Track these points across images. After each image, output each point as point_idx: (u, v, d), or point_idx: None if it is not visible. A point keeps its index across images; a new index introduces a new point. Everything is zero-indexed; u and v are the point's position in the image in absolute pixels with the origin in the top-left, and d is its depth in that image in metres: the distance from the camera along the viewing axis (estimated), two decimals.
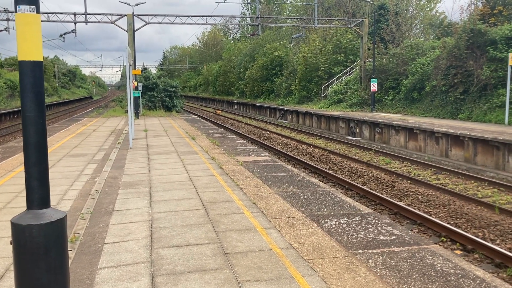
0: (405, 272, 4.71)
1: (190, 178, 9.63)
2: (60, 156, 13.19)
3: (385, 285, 4.35)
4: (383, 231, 6.09)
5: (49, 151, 13.91)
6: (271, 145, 21.30)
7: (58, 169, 11.06)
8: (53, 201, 7.81)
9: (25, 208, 2.24)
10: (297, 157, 17.65)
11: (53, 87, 71.31)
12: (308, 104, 37.63)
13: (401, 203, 11.11)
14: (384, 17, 36.91)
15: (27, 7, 1.94)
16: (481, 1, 28.21)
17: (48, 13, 30.44)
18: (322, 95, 36.90)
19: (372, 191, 12.11)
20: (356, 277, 4.53)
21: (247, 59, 54.88)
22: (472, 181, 13.98)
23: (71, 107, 63.73)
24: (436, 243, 7.06)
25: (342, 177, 13.97)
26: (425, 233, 9.45)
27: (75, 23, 30.77)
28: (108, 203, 7.67)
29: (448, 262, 4.99)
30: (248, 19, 63.56)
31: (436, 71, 24.60)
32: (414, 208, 10.92)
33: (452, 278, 4.58)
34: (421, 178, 14.17)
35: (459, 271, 4.75)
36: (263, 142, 22.67)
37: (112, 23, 30.82)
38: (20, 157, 12.99)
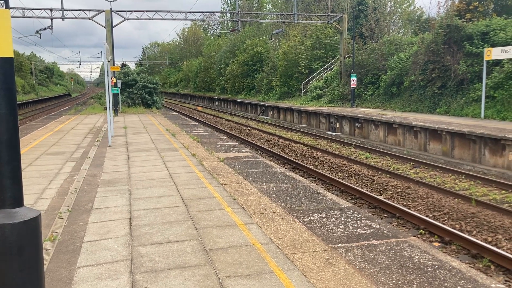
0: (383, 265, 4.77)
1: (170, 175, 9.57)
2: (37, 154, 12.96)
3: (363, 277, 4.40)
4: (362, 224, 6.16)
5: (26, 149, 13.69)
6: (252, 141, 21.31)
7: (36, 167, 10.87)
8: (30, 200, 7.71)
9: None
10: (278, 153, 17.69)
11: (30, 84, 69.95)
12: (289, 99, 37.74)
13: (380, 197, 11.24)
14: (363, 12, 37.20)
15: None
16: None
17: (23, 8, 29.82)
18: (303, 91, 37.05)
19: (352, 186, 12.22)
20: (335, 270, 4.57)
21: (227, 55, 54.72)
22: (450, 174, 14.23)
23: (49, 105, 62.63)
24: (414, 236, 7.18)
25: (322, 172, 14.06)
26: (404, 226, 9.59)
27: (51, 19, 30.18)
28: (87, 201, 7.57)
29: (425, 254, 5.08)
30: (228, 15, 63.27)
31: (414, 66, 24.92)
32: (393, 202, 11.06)
33: (429, 269, 4.67)
34: (400, 172, 14.35)
35: (436, 263, 4.85)
36: (244, 138, 22.66)
37: (89, 19, 30.34)
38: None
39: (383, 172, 14.30)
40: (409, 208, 10.59)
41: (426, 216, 10.02)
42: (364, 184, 13.25)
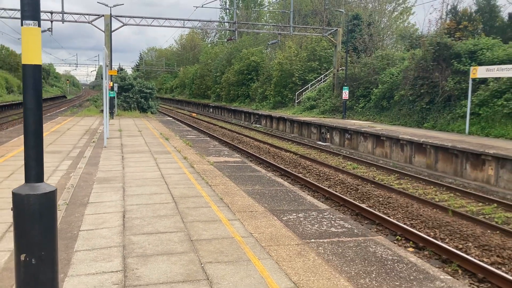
0: (349, 258, 5.36)
1: (162, 176, 10.12)
2: None
3: (329, 267, 4.98)
4: (335, 224, 6.75)
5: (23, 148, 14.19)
6: (243, 148, 21.87)
7: None
8: None
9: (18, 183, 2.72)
10: (267, 160, 18.26)
11: None
12: (282, 109, 38.42)
13: (363, 205, 11.82)
14: (358, 27, 38.07)
15: (31, 22, 2.46)
16: (449, 16, 29.57)
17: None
18: (296, 101, 37.75)
19: (336, 193, 12.81)
20: (305, 260, 5.15)
21: (223, 63, 55.45)
22: (432, 186, 14.82)
23: (45, 106, 62.94)
24: (380, 235, 7.75)
25: (309, 180, 14.63)
26: (382, 232, 10.15)
27: (51, 21, 30.74)
28: (83, 196, 8.10)
29: (388, 250, 5.67)
30: (226, 24, 64.09)
31: (404, 81, 25.63)
32: (374, 210, 11.63)
33: (389, 262, 5.26)
34: (384, 183, 14.92)
35: (395, 257, 5.43)
36: (236, 145, 23.21)
37: (89, 23, 30.94)
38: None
39: (368, 182, 14.88)
40: (388, 216, 11.16)
41: (404, 223, 10.61)
42: (349, 192, 13.81)
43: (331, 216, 7.24)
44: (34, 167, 2.63)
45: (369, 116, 28.66)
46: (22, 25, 2.50)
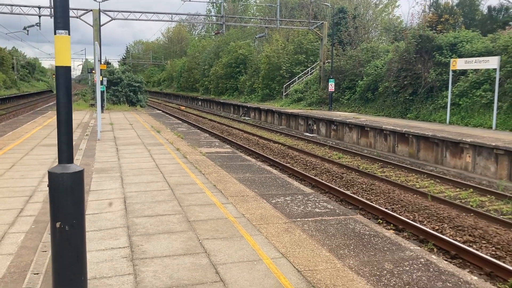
0: (330, 233, 6.01)
1: (157, 166, 10.69)
2: (32, 145, 13.90)
3: (313, 241, 5.62)
4: (319, 205, 7.41)
5: (20, 141, 14.62)
6: (233, 140, 22.45)
7: (33, 156, 11.85)
8: (33, 182, 8.74)
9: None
10: (256, 151, 18.87)
11: (12, 79, 69.67)
12: (270, 102, 39.03)
13: (347, 192, 12.49)
14: (344, 20, 38.73)
15: (62, 31, 3.02)
16: (431, 10, 30.36)
17: (12, 5, 30.44)
18: (284, 94, 38.37)
19: (321, 181, 13.47)
20: (291, 236, 5.79)
21: (211, 56, 55.76)
22: (413, 174, 15.55)
23: (31, 100, 62.69)
24: (359, 214, 8.42)
25: (297, 169, 15.27)
26: (365, 216, 10.81)
27: (39, 16, 30.88)
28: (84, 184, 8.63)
29: (365, 227, 6.34)
30: (214, 18, 64.26)
31: (388, 73, 26.35)
32: (357, 196, 12.31)
33: (366, 237, 5.92)
34: (368, 171, 15.62)
35: (372, 233, 6.10)
36: (226, 137, 23.78)
37: (77, 17, 31.12)
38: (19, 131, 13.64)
39: (353, 170, 15.56)
40: (371, 202, 11.85)
41: (386, 208, 11.31)
42: (334, 180, 14.47)
43: (315, 199, 7.89)
44: (65, 150, 3.21)
45: (355, 107, 29.38)
46: (55, 33, 3.06)
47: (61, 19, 3.01)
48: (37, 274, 4.63)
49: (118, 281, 4.46)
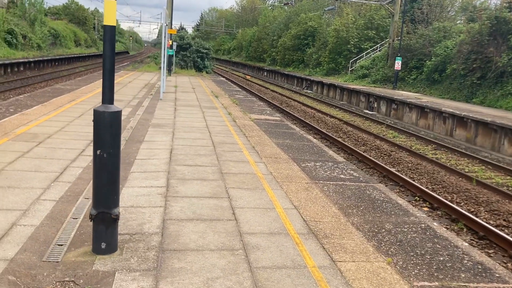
0: (346, 195, 6.54)
1: (207, 126, 11.58)
2: (100, 99, 15.29)
3: (327, 199, 6.20)
4: (346, 173, 7.90)
5: (91, 94, 16.14)
6: (285, 109, 22.92)
7: None
8: None
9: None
10: (306, 121, 19.23)
11: (92, 38, 73.77)
12: (335, 76, 38.83)
13: (392, 169, 12.67)
14: None
15: None
16: None
17: None
18: (350, 69, 37.97)
19: (367, 156, 13.73)
20: (309, 193, 6.39)
21: (281, 27, 55.80)
22: (466, 159, 15.33)
23: None
24: (380, 182, 8.76)
25: (346, 143, 15.52)
26: (403, 193, 11.07)
27: None
28: (139, 135, 9.70)
29: (382, 194, 6.78)
30: None
31: (458, 55, 25.42)
32: (400, 173, 12.50)
33: (378, 202, 6.39)
34: (420, 152, 15.57)
35: (386, 199, 6.55)
36: (283, 108, 24.29)
37: None
38: (66, 97, 15.18)
39: (403, 149, 15.57)
40: (413, 180, 12.03)
41: (426, 187, 11.47)
42: (381, 157, 14.65)
43: (344, 166, 8.38)
44: (108, 93, 4.02)
45: (420, 88, 28.69)
46: None
47: None
48: (87, 199, 5.62)
49: (150, 210, 5.35)
